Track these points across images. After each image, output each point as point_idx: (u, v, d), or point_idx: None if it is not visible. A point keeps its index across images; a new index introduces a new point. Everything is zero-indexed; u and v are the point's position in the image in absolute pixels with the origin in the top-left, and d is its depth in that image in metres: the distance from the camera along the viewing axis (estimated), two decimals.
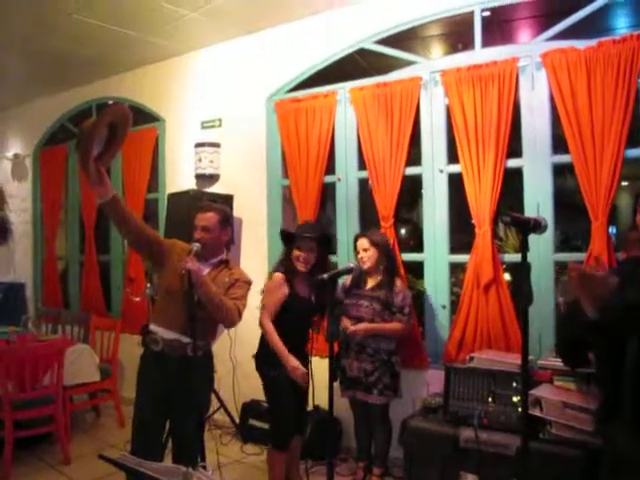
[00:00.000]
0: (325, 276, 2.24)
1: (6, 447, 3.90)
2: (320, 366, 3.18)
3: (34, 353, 4.09)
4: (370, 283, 3.66)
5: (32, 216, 6.91)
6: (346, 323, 3.59)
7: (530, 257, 3.48)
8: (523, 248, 1.62)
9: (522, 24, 3.96)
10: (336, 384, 3.31)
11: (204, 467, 2.45)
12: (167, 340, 2.88)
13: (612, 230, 4.08)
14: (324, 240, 3.43)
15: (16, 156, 7.03)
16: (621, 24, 3.64)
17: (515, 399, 3.03)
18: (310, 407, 3.56)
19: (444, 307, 3.88)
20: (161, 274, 3.01)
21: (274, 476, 3.37)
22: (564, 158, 3.51)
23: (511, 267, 1.46)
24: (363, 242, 3.64)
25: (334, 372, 2.32)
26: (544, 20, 3.71)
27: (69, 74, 5.82)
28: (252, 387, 3.91)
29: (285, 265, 3.39)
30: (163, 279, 2.98)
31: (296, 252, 3.35)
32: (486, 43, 3.80)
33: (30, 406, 4.03)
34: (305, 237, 3.36)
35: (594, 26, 3.56)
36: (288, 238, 3.46)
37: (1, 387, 3.91)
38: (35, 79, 6.06)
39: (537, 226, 1.65)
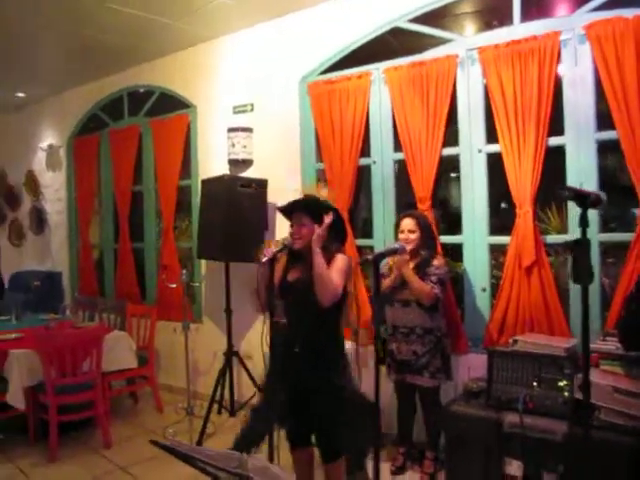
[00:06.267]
0: (369, 257, 2.18)
1: (51, 430, 3.98)
2: (362, 353, 3.13)
3: (73, 340, 4.14)
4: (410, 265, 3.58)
5: (66, 205, 6.99)
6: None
7: (572, 236, 3.48)
8: (583, 224, 1.54)
9: None
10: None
11: None
12: None
13: None
14: (314, 210, 2.93)
15: (50, 147, 7.11)
16: None
17: (561, 383, 2.94)
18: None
19: (484, 290, 3.80)
20: None
21: None
22: (609, 135, 3.37)
23: (569, 244, 1.38)
24: (410, 223, 3.56)
25: (381, 356, 2.25)
26: None
27: (101, 63, 5.83)
28: None
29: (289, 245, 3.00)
30: None
31: (289, 228, 3.05)
32: (525, 17, 3.67)
33: (71, 391, 4.09)
34: (279, 209, 3.09)
35: None
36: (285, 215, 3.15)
37: (44, 372, 3.97)
38: (67, 70, 6.11)
39: (597, 201, 1.58)
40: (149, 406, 5.08)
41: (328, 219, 2.81)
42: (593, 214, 3.38)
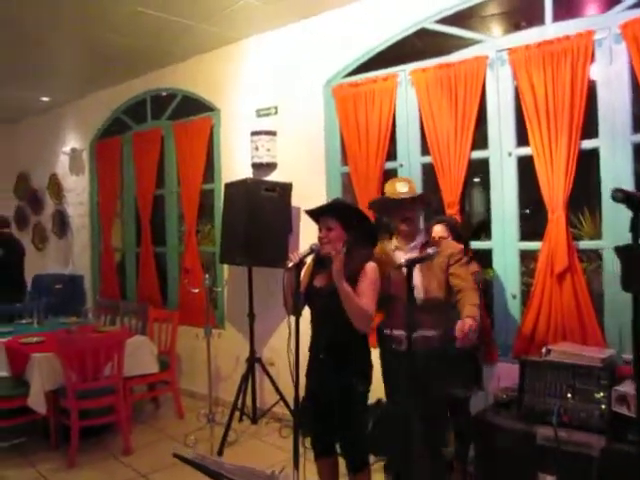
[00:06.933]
0: (403, 262, 2.10)
1: (72, 435, 3.95)
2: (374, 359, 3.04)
3: (95, 344, 4.11)
4: None
5: (89, 209, 7.01)
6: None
7: (607, 244, 3.36)
8: (635, 228, 1.44)
9: None
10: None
11: None
12: None
13: None
14: (343, 214, 2.89)
15: (73, 150, 7.14)
16: None
17: (598, 395, 2.83)
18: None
19: (514, 297, 3.69)
20: None
21: None
22: None
23: (619, 250, 1.30)
24: (441, 229, 3.46)
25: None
26: None
27: (123, 67, 5.83)
28: None
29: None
30: None
31: (318, 232, 2.96)
32: (557, 17, 3.57)
33: (92, 396, 4.07)
34: (307, 212, 3.04)
35: None
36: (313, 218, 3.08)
37: (65, 377, 3.94)
38: (90, 73, 6.14)
39: None
40: (170, 412, 5.04)
41: (339, 249, 2.76)
42: (626, 221, 3.26)
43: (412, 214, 3.11)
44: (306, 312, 2.94)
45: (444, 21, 3.97)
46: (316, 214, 2.99)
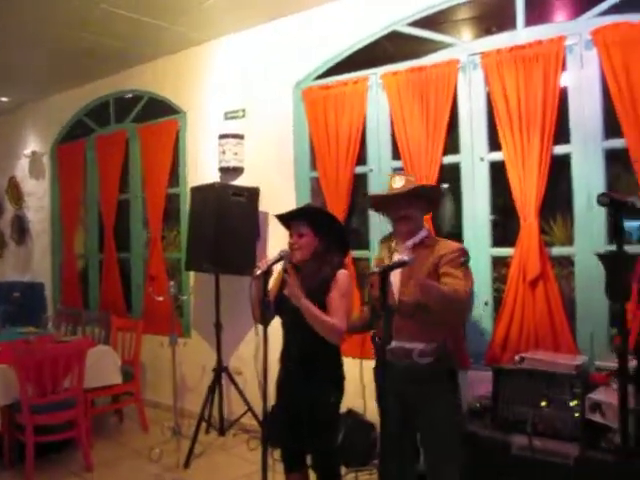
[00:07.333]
0: (376, 269, 2.00)
1: (27, 453, 3.75)
2: (351, 368, 2.95)
3: (54, 355, 3.92)
4: None
5: (50, 214, 6.77)
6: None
7: (578, 250, 3.35)
8: (617, 235, 1.38)
9: (568, 0, 3.70)
10: (372, 387, 3.06)
11: None
12: None
13: None
14: (314, 219, 2.79)
15: (33, 153, 6.91)
16: None
17: (572, 403, 2.79)
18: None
19: (486, 304, 3.64)
20: None
21: None
22: (618, 143, 3.24)
23: (605, 258, 1.25)
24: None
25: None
26: None
27: (88, 67, 5.65)
28: None
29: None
30: None
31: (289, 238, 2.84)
32: (529, 22, 3.55)
33: (50, 410, 3.87)
34: (277, 217, 2.93)
35: None
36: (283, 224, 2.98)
37: (21, 390, 3.74)
38: (53, 74, 5.92)
39: (634, 209, 1.42)
40: (134, 424, 4.85)
41: (291, 275, 2.64)
42: (600, 226, 3.26)
43: (408, 212, 2.80)
44: (277, 320, 2.84)
45: (416, 24, 3.93)
46: (287, 219, 2.89)
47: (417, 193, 2.84)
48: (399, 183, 2.83)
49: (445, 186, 4.06)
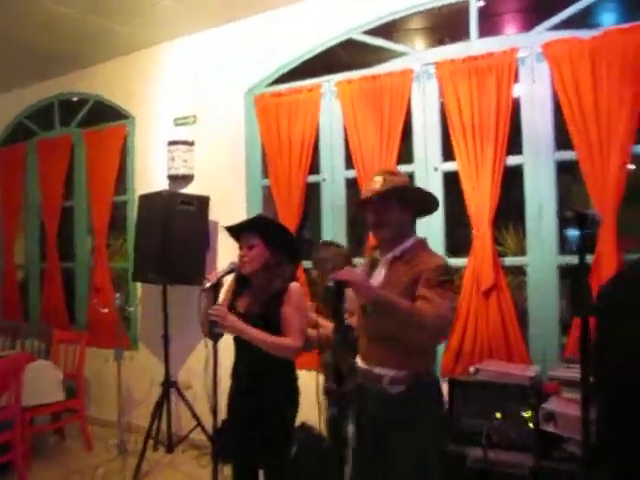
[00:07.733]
0: (331, 283, 1.92)
1: None
2: (307, 381, 2.87)
3: None
4: None
5: None
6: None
7: (530, 260, 3.38)
8: (582, 247, 1.36)
9: (521, 13, 3.75)
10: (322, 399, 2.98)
11: None
12: None
13: None
14: (265, 230, 2.68)
15: None
16: (624, 16, 3.45)
17: (526, 414, 2.79)
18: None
19: None
20: None
21: None
22: (568, 155, 3.29)
23: (569, 269, 1.23)
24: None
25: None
26: (544, 9, 3.50)
27: (31, 68, 5.41)
28: None
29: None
30: None
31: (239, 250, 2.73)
32: (482, 33, 3.59)
33: None
34: (227, 229, 2.80)
35: (598, 16, 3.38)
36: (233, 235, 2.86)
37: None
38: None
39: (594, 222, 1.40)
40: (77, 443, 4.61)
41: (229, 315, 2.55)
42: (552, 237, 3.30)
43: (383, 217, 2.30)
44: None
45: (372, 32, 3.92)
46: (237, 231, 2.79)
47: (395, 195, 2.30)
48: (376, 184, 2.32)
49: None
